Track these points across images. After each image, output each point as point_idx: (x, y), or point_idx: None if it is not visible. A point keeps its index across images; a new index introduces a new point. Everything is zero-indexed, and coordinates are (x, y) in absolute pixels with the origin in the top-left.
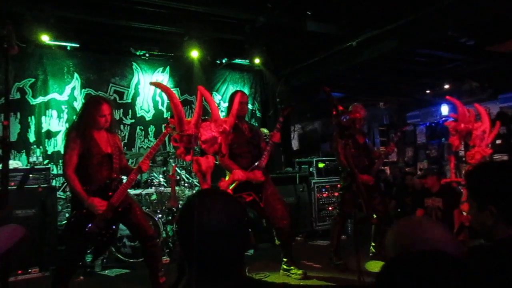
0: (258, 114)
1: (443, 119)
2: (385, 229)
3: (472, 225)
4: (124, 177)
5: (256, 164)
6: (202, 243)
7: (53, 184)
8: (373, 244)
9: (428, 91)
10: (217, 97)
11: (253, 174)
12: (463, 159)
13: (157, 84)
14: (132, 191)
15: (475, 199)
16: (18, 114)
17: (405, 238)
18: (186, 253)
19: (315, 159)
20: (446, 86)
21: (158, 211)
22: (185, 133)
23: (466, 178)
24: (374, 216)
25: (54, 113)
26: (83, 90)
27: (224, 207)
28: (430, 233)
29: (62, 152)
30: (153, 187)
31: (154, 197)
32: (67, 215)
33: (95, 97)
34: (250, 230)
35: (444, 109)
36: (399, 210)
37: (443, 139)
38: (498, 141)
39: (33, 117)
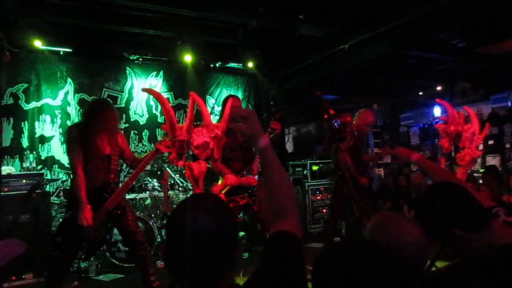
0: None
1: (436, 120)
2: None
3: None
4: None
5: (248, 169)
6: (189, 248)
7: (47, 189)
8: None
9: (420, 93)
10: (211, 101)
11: (246, 179)
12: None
13: (148, 90)
14: (126, 196)
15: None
16: (11, 119)
17: (380, 234)
18: (174, 259)
19: (309, 161)
20: (439, 88)
21: (153, 215)
22: (177, 139)
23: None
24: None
25: (48, 118)
26: (76, 95)
27: (212, 211)
28: (405, 231)
29: (66, 152)
30: (147, 192)
31: (148, 201)
32: (60, 220)
33: (104, 103)
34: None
35: (437, 111)
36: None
37: (436, 140)
38: (490, 142)
39: (26, 122)
